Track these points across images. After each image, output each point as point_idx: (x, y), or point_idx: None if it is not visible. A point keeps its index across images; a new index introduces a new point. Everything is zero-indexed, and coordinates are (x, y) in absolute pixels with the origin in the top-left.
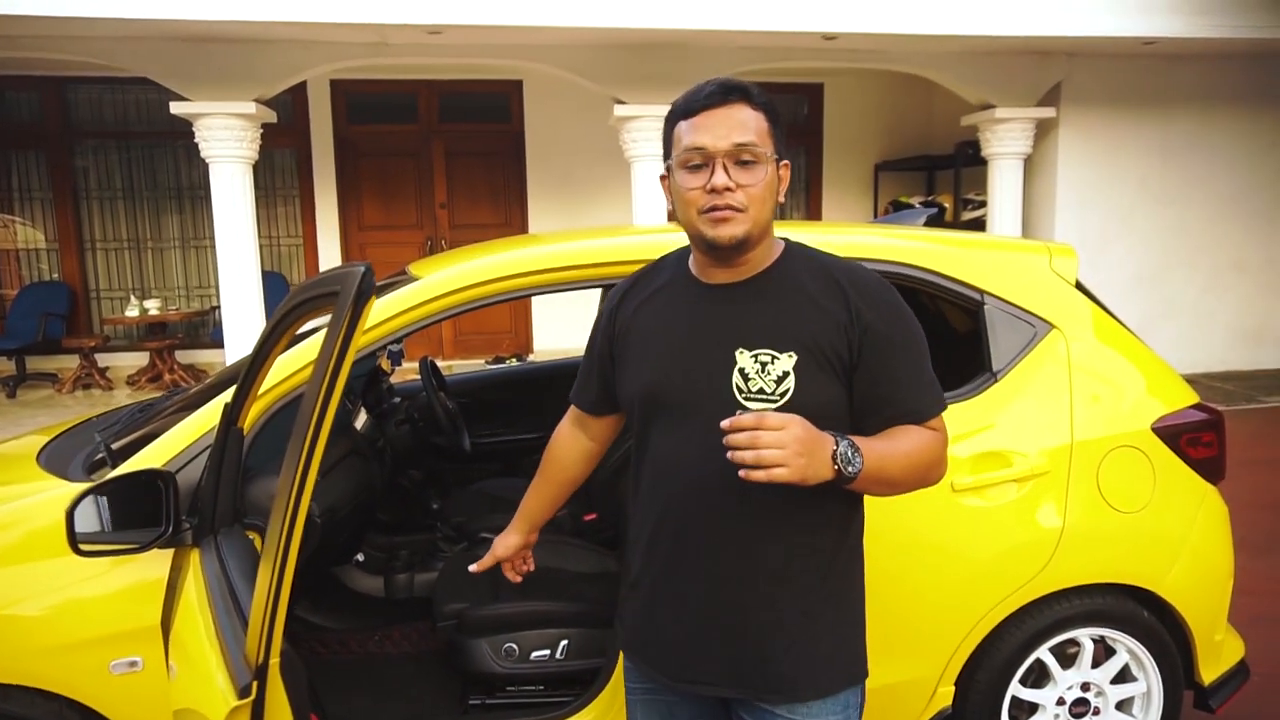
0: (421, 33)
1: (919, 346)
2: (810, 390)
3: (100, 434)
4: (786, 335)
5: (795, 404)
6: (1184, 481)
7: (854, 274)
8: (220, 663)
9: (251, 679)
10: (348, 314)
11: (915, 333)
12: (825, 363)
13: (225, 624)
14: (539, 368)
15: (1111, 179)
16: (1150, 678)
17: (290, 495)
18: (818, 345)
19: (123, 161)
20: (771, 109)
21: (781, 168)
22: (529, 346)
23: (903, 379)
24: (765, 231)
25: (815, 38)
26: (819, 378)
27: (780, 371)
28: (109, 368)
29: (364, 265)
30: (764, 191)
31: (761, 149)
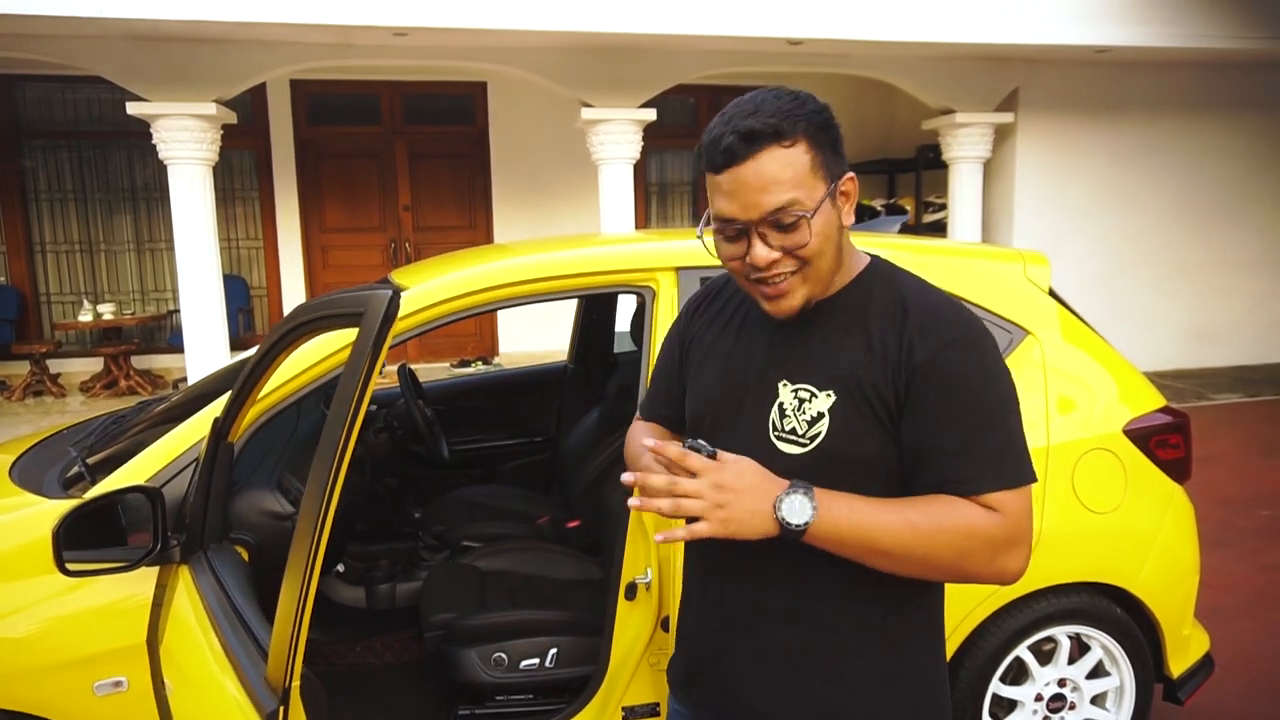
0: (387, 34)
1: (989, 403)
2: (846, 436)
3: (74, 448)
4: (830, 371)
5: (827, 450)
6: (1153, 482)
7: (925, 303)
8: (237, 685)
9: (279, 704)
10: (373, 337)
11: (987, 384)
12: (867, 406)
13: (236, 644)
14: (514, 374)
15: (1066, 183)
16: (1123, 672)
17: (317, 518)
18: (860, 385)
19: (74, 162)
20: (816, 124)
21: (842, 186)
22: (494, 349)
23: (952, 437)
24: (832, 275)
25: (780, 43)
26: (858, 424)
27: (815, 412)
28: (61, 374)
29: (391, 289)
30: (819, 244)
31: (804, 202)
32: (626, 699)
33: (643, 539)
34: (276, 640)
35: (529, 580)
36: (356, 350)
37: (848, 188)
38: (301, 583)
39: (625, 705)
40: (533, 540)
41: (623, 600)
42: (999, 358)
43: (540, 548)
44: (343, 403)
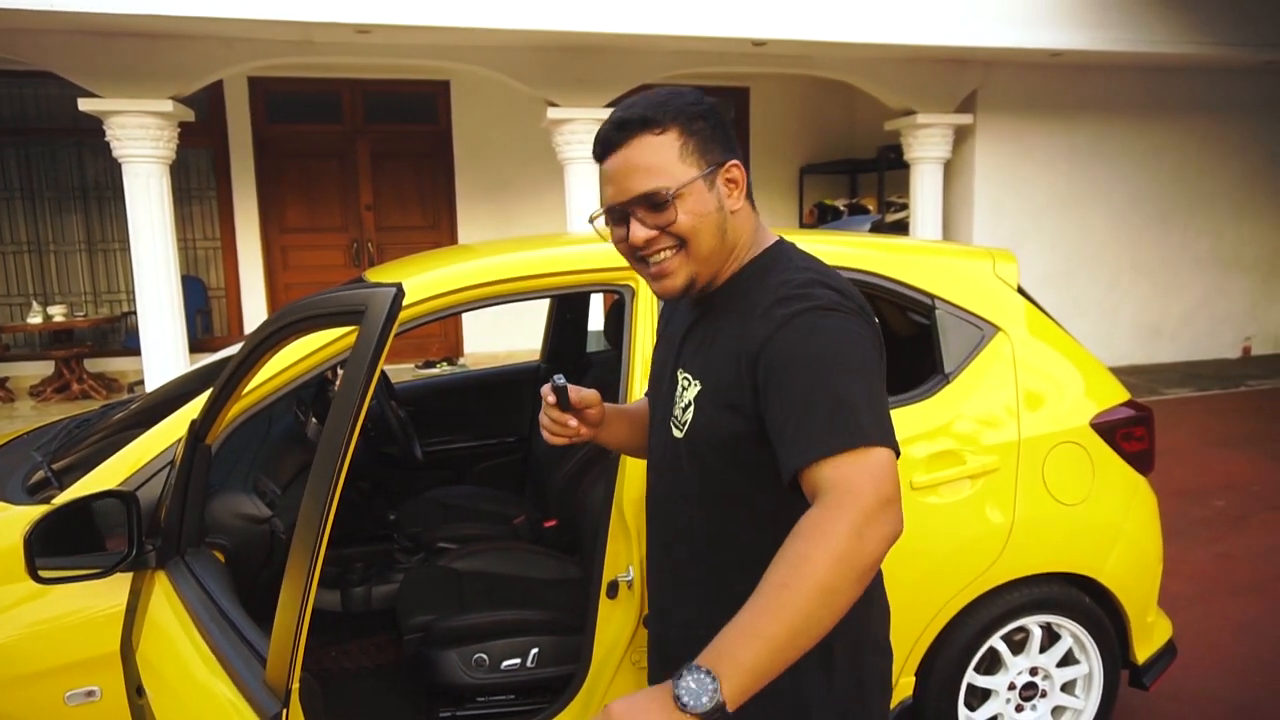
0: (350, 31)
1: (820, 370)
2: (707, 423)
3: (38, 452)
4: (700, 361)
5: (694, 436)
6: (1119, 473)
7: (786, 284)
8: (232, 689)
9: (281, 707)
10: (376, 336)
11: (822, 353)
12: (723, 394)
13: (228, 648)
14: (486, 374)
15: (1023, 183)
16: (1092, 660)
17: (321, 517)
18: (718, 374)
19: (20, 160)
20: (688, 116)
21: (726, 173)
22: (459, 349)
23: (784, 413)
24: (718, 256)
25: (745, 43)
26: (716, 412)
27: (688, 399)
28: (9, 378)
29: (395, 286)
30: (692, 221)
31: (669, 185)
32: (609, 697)
33: (624, 537)
34: (278, 642)
35: (507, 580)
36: (359, 349)
37: (734, 175)
38: (304, 584)
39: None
40: (509, 540)
41: (604, 598)
42: (850, 326)
43: (517, 548)
44: (346, 400)
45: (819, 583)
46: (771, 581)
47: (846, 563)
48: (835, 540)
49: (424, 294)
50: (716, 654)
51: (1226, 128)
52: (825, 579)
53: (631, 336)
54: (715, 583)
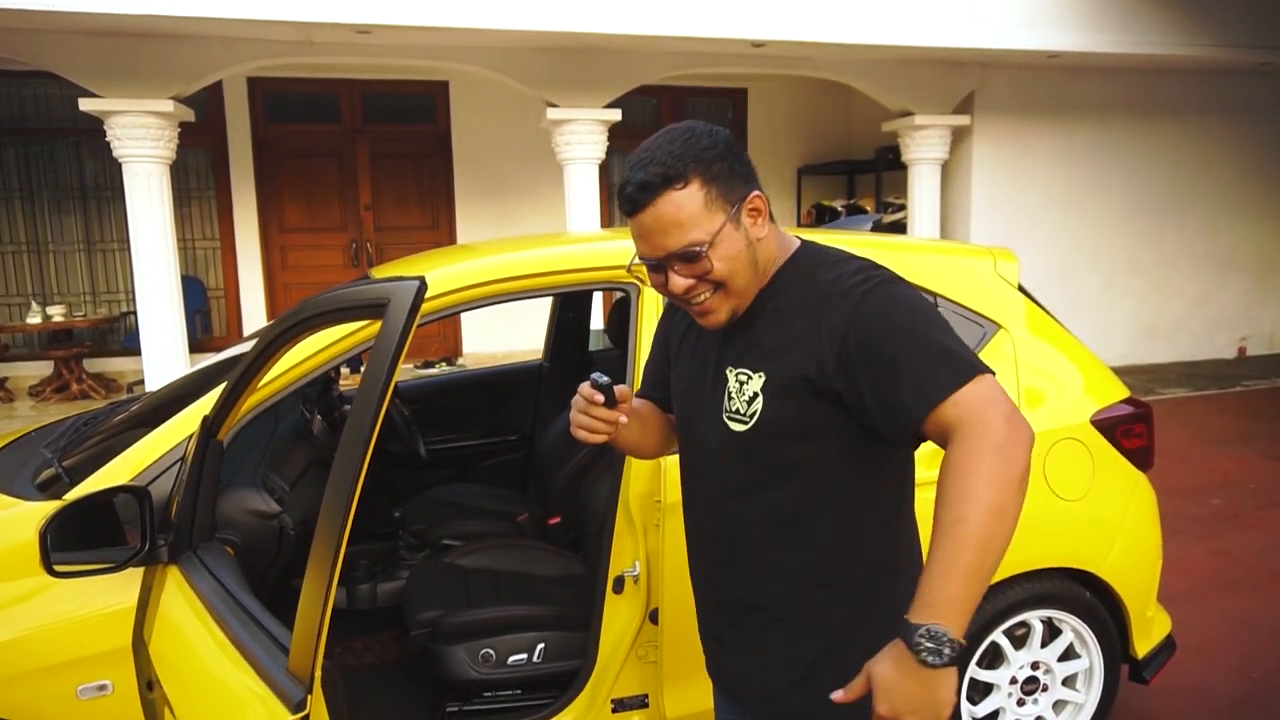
0: (349, 32)
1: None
2: (779, 411)
3: (47, 449)
4: (761, 354)
5: (764, 425)
6: (1119, 470)
7: (830, 275)
8: (254, 679)
9: (306, 693)
10: (401, 327)
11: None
12: (795, 382)
13: (248, 639)
14: (489, 373)
15: (1020, 184)
16: (1092, 654)
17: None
18: (787, 364)
19: (19, 160)
20: (706, 160)
21: (749, 205)
22: (458, 350)
23: (895, 374)
24: (755, 284)
25: (744, 44)
26: (788, 399)
27: (752, 391)
28: (8, 378)
29: (418, 279)
30: (728, 266)
31: (702, 237)
32: (615, 691)
33: (629, 533)
34: (301, 631)
35: (512, 577)
36: (383, 341)
37: (756, 204)
38: (328, 570)
39: (614, 698)
40: (514, 537)
41: (610, 594)
42: (908, 290)
43: (522, 544)
44: (370, 390)
45: (987, 506)
46: (945, 522)
47: (1002, 480)
48: (985, 466)
49: (432, 292)
50: (929, 605)
51: (1223, 129)
52: (991, 501)
53: (637, 334)
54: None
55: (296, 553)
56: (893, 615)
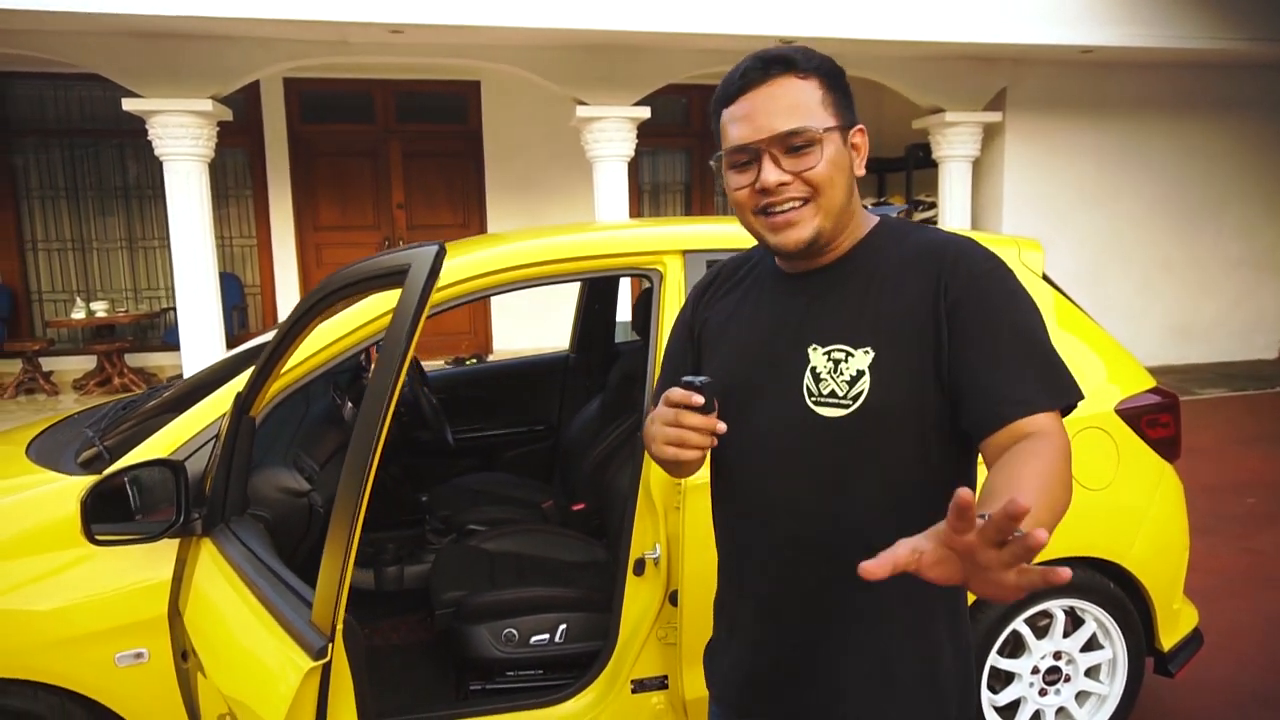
0: (383, 32)
1: (1028, 329)
2: (889, 391)
3: (90, 429)
4: (864, 327)
5: (870, 408)
6: (1144, 460)
7: (948, 244)
8: (281, 634)
9: (327, 641)
10: (420, 289)
11: (1023, 311)
12: (910, 356)
13: (278, 600)
14: (517, 364)
15: (1052, 182)
16: (1116, 645)
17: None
18: (901, 335)
19: (65, 159)
20: (828, 70)
21: (854, 135)
22: (488, 346)
23: (1001, 362)
24: (844, 216)
25: (773, 41)
26: (901, 376)
27: (854, 370)
28: (53, 372)
29: (437, 244)
30: (830, 171)
31: (815, 128)
32: (635, 672)
33: (651, 515)
34: (325, 584)
35: (536, 561)
36: (403, 304)
37: (858, 140)
38: (349, 525)
39: (634, 678)
40: (538, 523)
41: (631, 575)
42: (1024, 288)
43: (546, 530)
44: (391, 352)
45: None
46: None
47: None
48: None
49: (459, 276)
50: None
51: (1260, 125)
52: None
53: (659, 322)
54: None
55: (325, 530)
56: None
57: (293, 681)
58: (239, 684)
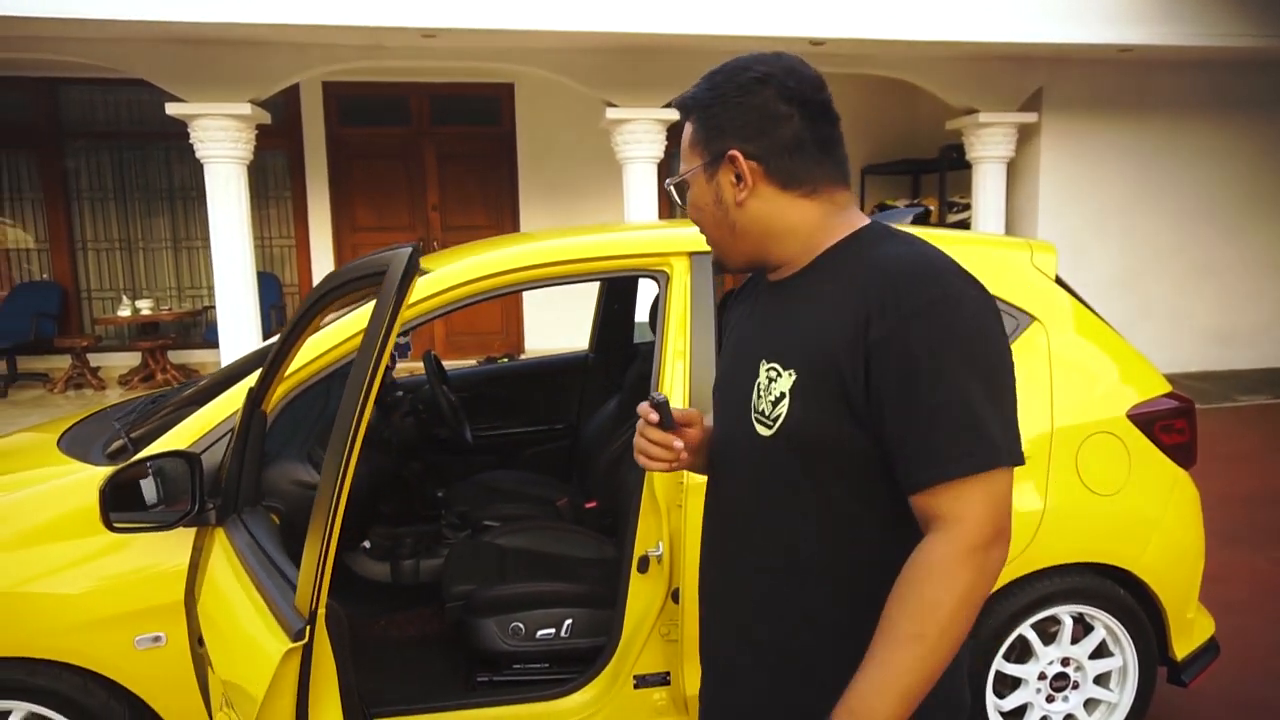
0: (416, 35)
1: (954, 379)
2: (807, 419)
3: (118, 423)
4: (794, 348)
5: (787, 433)
6: (1157, 466)
7: (898, 267)
8: (270, 619)
9: (305, 624)
10: (396, 288)
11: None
12: (826, 386)
13: (269, 584)
14: (535, 363)
15: (1090, 183)
16: (1126, 653)
17: (343, 453)
18: (820, 363)
19: (114, 162)
20: (700, 103)
21: (723, 166)
22: (520, 347)
23: (908, 424)
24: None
25: (803, 43)
26: (816, 405)
27: (779, 391)
28: (101, 367)
29: (412, 245)
30: (694, 214)
31: (685, 170)
32: (638, 668)
33: (654, 513)
34: (305, 571)
35: (547, 557)
36: (380, 302)
37: (739, 168)
38: (328, 512)
39: (637, 674)
40: (551, 520)
41: (635, 573)
42: (984, 324)
43: (558, 527)
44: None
45: (953, 633)
46: (903, 632)
47: (972, 604)
48: (962, 585)
49: (473, 275)
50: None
51: None
52: (957, 627)
53: (664, 322)
54: (799, 605)
55: None
56: None
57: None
58: (233, 666)
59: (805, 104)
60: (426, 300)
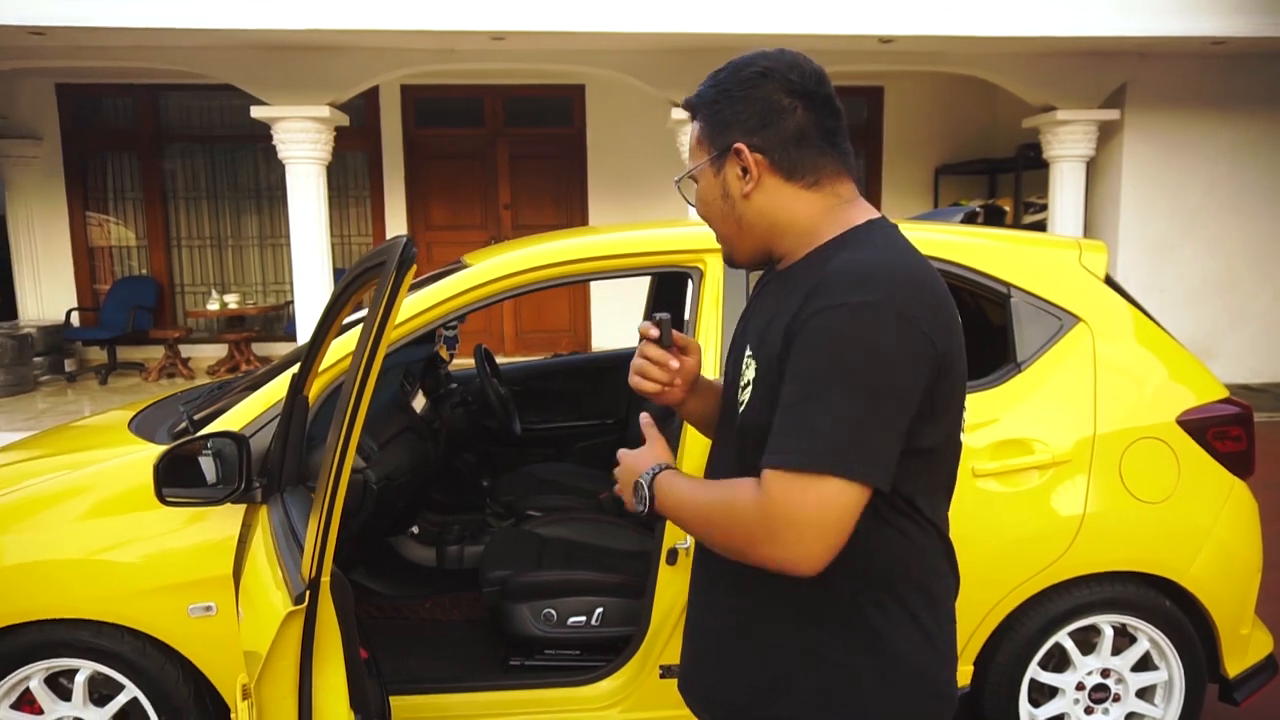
0: (485, 39)
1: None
2: (758, 409)
3: (184, 407)
4: (761, 340)
5: (747, 422)
6: (1210, 474)
7: (831, 274)
8: (282, 586)
9: (305, 589)
10: (392, 276)
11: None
12: (773, 379)
13: (288, 556)
14: (586, 359)
15: (1178, 183)
16: (1172, 667)
17: (342, 429)
18: (771, 354)
19: (207, 163)
20: (705, 101)
21: (729, 160)
22: (587, 345)
23: (781, 406)
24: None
25: (871, 40)
26: (768, 396)
27: (745, 380)
28: (191, 358)
29: (406, 236)
30: (701, 209)
31: (692, 165)
32: (664, 658)
33: None
34: (308, 539)
35: (583, 547)
36: (379, 289)
37: (745, 160)
38: (327, 483)
39: (663, 664)
40: (593, 512)
41: (664, 564)
42: (878, 338)
43: (599, 519)
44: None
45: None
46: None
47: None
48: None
49: (517, 268)
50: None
51: None
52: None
53: (698, 315)
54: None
55: (378, 505)
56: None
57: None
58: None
59: (808, 96)
60: (469, 293)
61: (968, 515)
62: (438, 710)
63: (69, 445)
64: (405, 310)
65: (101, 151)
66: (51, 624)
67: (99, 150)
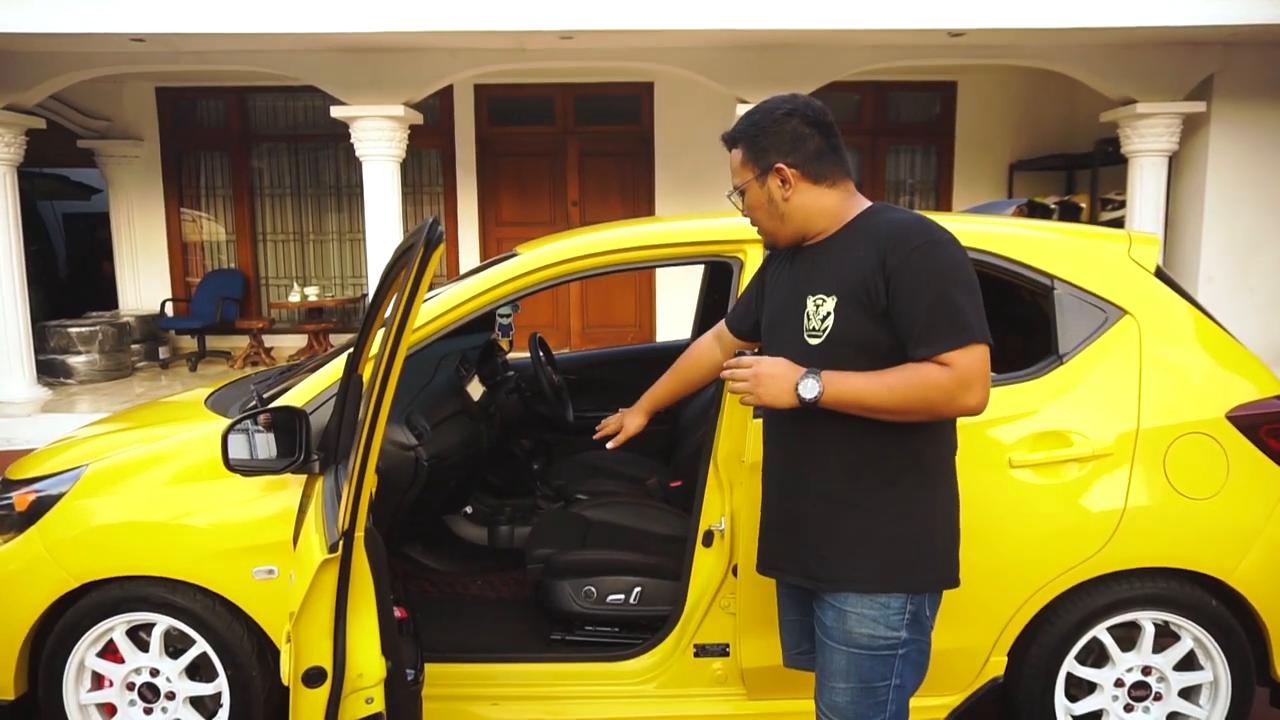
0: (554, 38)
1: (941, 290)
2: (847, 327)
3: (256, 387)
4: (832, 282)
5: (835, 338)
6: (1263, 472)
7: (894, 226)
8: (323, 538)
9: (339, 539)
10: (419, 254)
11: (941, 277)
12: (860, 304)
13: (331, 517)
14: (642, 349)
15: (1268, 178)
16: (1218, 668)
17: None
18: (852, 289)
19: (292, 162)
20: (746, 134)
21: (771, 175)
22: (652, 338)
23: (917, 320)
24: (791, 224)
25: (941, 34)
26: (854, 317)
27: (825, 312)
28: (273, 347)
29: (433, 218)
30: (750, 213)
31: (738, 183)
32: (699, 637)
33: (718, 490)
34: (344, 495)
35: (626, 530)
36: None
37: (784, 175)
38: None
39: (697, 643)
40: (639, 497)
41: (700, 546)
42: (955, 256)
43: (644, 504)
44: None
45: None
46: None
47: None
48: (935, 389)
49: (568, 255)
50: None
51: None
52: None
53: None
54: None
55: (429, 480)
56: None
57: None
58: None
59: (820, 125)
60: (518, 279)
61: (1004, 505)
62: (485, 679)
63: (152, 419)
64: (456, 296)
65: (195, 151)
66: (134, 581)
67: (193, 149)
